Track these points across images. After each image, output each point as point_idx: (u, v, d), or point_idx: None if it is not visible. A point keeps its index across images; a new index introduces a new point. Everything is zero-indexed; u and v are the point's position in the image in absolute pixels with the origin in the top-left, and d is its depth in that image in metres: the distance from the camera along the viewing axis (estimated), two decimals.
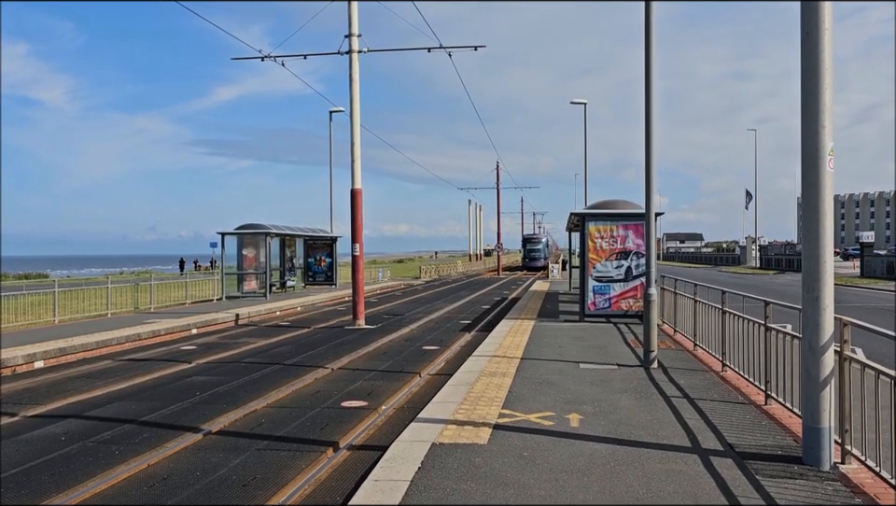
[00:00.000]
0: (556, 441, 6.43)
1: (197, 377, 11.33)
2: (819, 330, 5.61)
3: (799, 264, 69.12)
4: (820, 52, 5.61)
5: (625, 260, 16.09)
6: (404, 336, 16.68)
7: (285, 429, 7.95)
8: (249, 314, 21.25)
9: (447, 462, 5.80)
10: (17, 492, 5.98)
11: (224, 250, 28.19)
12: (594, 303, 16.42)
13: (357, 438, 7.62)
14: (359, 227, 19.42)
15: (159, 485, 6.09)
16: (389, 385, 10.54)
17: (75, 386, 10.78)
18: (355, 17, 19.14)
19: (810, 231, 5.70)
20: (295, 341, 16.01)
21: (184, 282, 26.73)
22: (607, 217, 16.30)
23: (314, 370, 11.80)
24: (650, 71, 10.70)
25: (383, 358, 13.31)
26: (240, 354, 13.98)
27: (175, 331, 17.30)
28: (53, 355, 13.17)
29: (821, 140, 5.62)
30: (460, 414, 7.41)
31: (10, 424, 8.45)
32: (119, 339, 15.20)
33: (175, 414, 8.77)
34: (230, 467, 6.59)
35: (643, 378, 9.53)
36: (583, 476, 5.46)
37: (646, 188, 10.80)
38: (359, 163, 19.34)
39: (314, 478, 6.28)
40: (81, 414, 8.85)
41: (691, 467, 5.68)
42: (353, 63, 19.18)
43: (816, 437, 5.67)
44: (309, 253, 34.56)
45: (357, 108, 19.38)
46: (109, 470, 6.49)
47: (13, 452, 7.20)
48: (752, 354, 8.38)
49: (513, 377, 9.54)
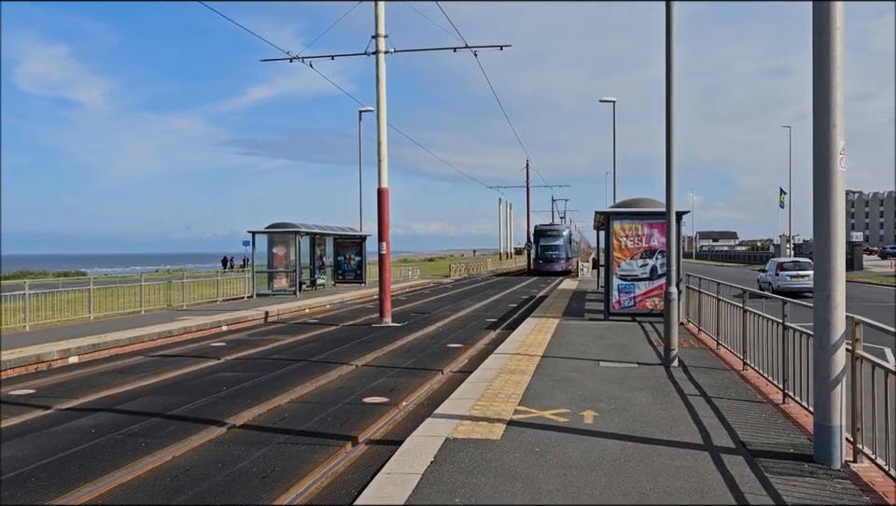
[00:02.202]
0: (569, 437, 6.51)
1: (224, 373, 11.60)
2: (829, 328, 5.62)
3: None
4: (832, 51, 5.62)
5: (650, 258, 16.05)
6: (429, 334, 16.83)
7: (306, 424, 8.14)
8: (279, 311, 21.59)
9: (459, 456, 5.92)
10: (47, 481, 6.24)
11: (255, 249, 28.62)
12: (618, 302, 16.41)
13: (376, 433, 7.78)
14: (386, 226, 19.62)
15: (181, 477, 6.31)
16: (411, 381, 10.69)
17: (106, 380, 11.12)
18: (381, 18, 19.32)
19: (821, 229, 5.71)
20: (322, 338, 16.26)
21: (216, 280, 27.22)
22: (631, 216, 16.27)
23: (338, 366, 12.00)
24: (670, 71, 10.69)
25: (407, 355, 13.48)
26: (267, 350, 14.25)
27: (205, 328, 17.66)
28: (87, 350, 13.57)
29: (832, 138, 5.62)
30: (476, 411, 7.53)
31: (44, 416, 8.77)
32: (151, 335, 15.59)
33: (200, 408, 9.02)
34: (250, 459, 6.78)
35: (662, 376, 9.55)
36: (592, 471, 5.55)
37: (666, 186, 10.80)
38: (386, 163, 19.53)
39: (331, 471, 6.45)
40: (111, 407, 9.15)
41: (700, 464, 5.73)
42: (379, 63, 19.37)
43: (827, 435, 5.68)
44: (339, 251, 34.93)
45: (383, 108, 19.58)
46: (135, 462, 6.73)
47: (45, 443, 7.49)
48: (771, 353, 8.36)
49: (532, 375, 9.62)
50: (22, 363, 12.12)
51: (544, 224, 58.67)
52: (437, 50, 23.17)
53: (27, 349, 12.85)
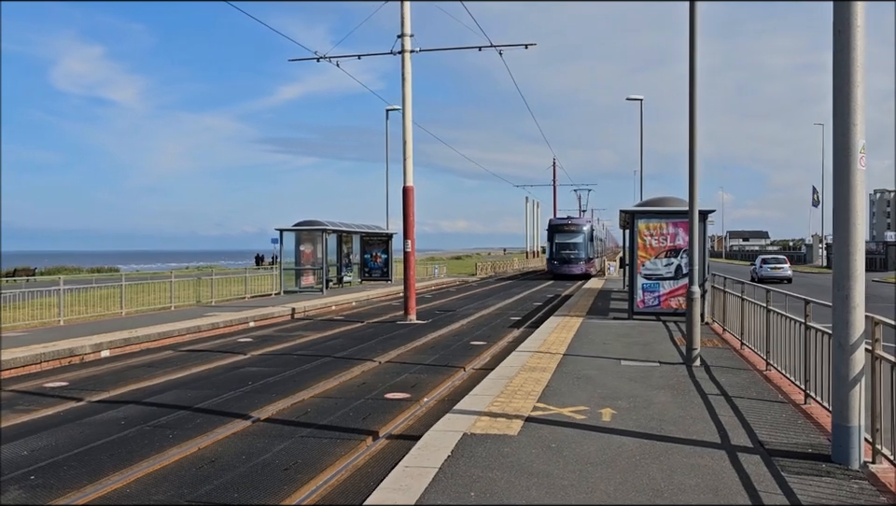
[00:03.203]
0: (586, 434, 6.57)
1: (250, 368, 11.82)
2: (848, 328, 5.61)
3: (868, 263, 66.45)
4: (852, 50, 5.60)
5: (675, 257, 15.98)
6: (454, 331, 16.93)
7: (329, 418, 8.29)
8: (305, 308, 21.85)
9: (476, 451, 6.01)
10: (78, 470, 6.45)
11: (282, 246, 28.98)
12: (642, 301, 16.36)
13: (397, 428, 7.90)
14: (411, 224, 19.77)
15: (207, 467, 6.49)
16: (433, 378, 10.80)
17: (136, 374, 11.39)
18: (407, 17, 19.45)
19: (840, 228, 5.69)
20: (347, 334, 16.44)
21: (244, 277, 27.61)
22: (656, 215, 16.21)
23: (362, 363, 12.16)
24: (693, 70, 10.66)
25: (430, 352, 13.59)
26: (293, 346, 14.46)
27: (233, 324, 17.96)
28: (118, 345, 13.89)
29: (852, 138, 5.60)
30: (495, 407, 7.61)
31: (77, 408, 9.04)
32: (181, 330, 15.90)
33: (226, 401, 9.22)
34: (274, 452, 6.94)
35: (683, 375, 9.54)
36: (608, 467, 5.60)
37: (689, 185, 10.78)
38: (411, 161, 19.69)
39: (351, 464, 6.58)
40: (141, 400, 9.39)
41: (717, 462, 5.75)
42: (405, 62, 19.51)
43: (845, 435, 5.66)
44: (365, 249, 35.19)
45: (409, 107, 19.72)
46: (163, 452, 6.92)
47: (77, 433, 7.73)
48: (794, 353, 8.32)
49: (553, 372, 9.67)
50: (56, 357, 12.46)
51: (560, 218, 49.85)
52: (462, 49, 23.24)
53: (61, 343, 13.19)
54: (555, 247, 44.57)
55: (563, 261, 43.77)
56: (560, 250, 44.17)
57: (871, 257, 67.80)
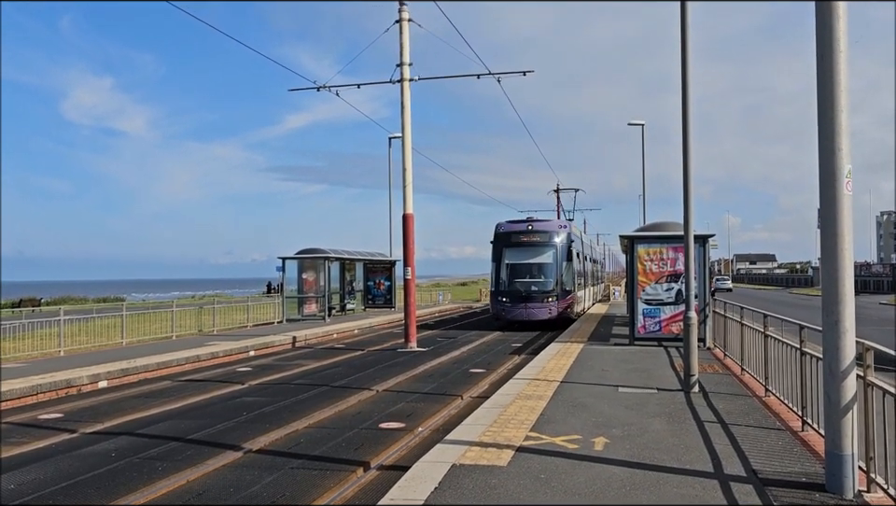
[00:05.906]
0: (576, 463, 6.47)
1: (247, 397, 11.75)
2: (838, 354, 5.52)
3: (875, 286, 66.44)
4: (836, 75, 5.59)
5: (675, 282, 15.88)
6: (454, 359, 16.84)
7: (320, 449, 8.21)
8: (306, 336, 21.78)
9: (463, 483, 5.93)
10: (63, 503, 6.39)
11: (285, 274, 28.98)
12: (643, 327, 16.24)
13: (389, 458, 7.81)
14: (411, 251, 19.75)
15: (193, 500, 6.42)
16: (430, 407, 10.71)
17: (132, 404, 11.34)
18: (406, 46, 19.60)
19: (829, 253, 5.63)
20: (346, 363, 16.36)
21: (246, 305, 27.59)
22: (656, 240, 16.15)
23: (359, 392, 12.07)
24: (686, 96, 10.69)
25: (428, 380, 13.50)
26: (292, 375, 14.39)
27: (233, 353, 17.90)
28: (116, 375, 13.85)
29: (838, 162, 5.56)
30: (486, 437, 7.52)
31: (69, 440, 8.98)
32: (179, 360, 15.85)
33: (220, 432, 9.15)
34: (262, 484, 6.86)
35: (680, 402, 9.43)
36: (596, 498, 5.51)
37: (684, 210, 10.74)
38: (411, 189, 19.73)
39: (339, 496, 6.50)
40: (134, 431, 9.33)
41: (708, 492, 5.65)
42: (404, 91, 19.64)
43: (838, 464, 5.56)
44: (368, 276, 35.17)
45: (408, 135, 19.82)
46: (150, 485, 6.85)
47: (67, 466, 7.67)
48: (791, 378, 8.22)
49: (549, 400, 9.57)
50: (53, 388, 12.42)
51: (515, 222, 26.50)
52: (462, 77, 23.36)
53: (59, 374, 13.16)
54: (504, 273, 25.52)
55: (516, 298, 24.98)
56: (512, 278, 25.40)
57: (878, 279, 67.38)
